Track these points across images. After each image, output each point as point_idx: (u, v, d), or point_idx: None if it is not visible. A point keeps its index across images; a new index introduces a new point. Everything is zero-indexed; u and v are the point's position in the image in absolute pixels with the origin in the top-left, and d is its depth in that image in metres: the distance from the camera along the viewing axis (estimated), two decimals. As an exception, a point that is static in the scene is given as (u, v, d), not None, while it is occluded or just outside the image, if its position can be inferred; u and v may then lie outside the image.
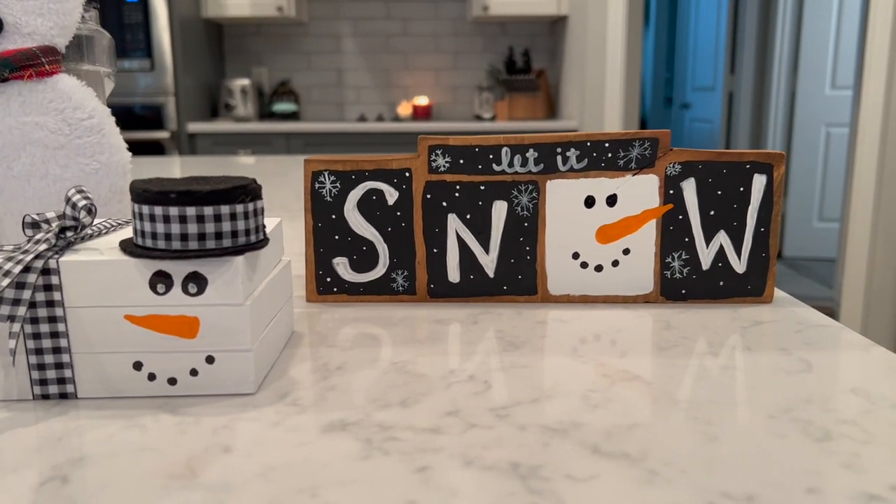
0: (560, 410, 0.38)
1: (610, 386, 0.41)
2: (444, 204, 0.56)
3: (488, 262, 0.57)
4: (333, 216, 0.56)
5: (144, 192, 0.38)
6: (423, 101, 3.93)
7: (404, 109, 3.93)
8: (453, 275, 0.57)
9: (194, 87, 3.66)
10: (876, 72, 2.45)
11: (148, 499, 0.30)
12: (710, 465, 0.32)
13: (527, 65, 3.86)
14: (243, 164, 1.75)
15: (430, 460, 0.33)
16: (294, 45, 4.07)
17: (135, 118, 3.46)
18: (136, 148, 2.88)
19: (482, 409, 0.38)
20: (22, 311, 0.38)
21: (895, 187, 2.45)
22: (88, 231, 0.43)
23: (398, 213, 0.56)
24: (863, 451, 0.33)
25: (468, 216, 0.56)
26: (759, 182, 0.54)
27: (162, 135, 3.47)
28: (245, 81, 3.79)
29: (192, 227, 0.38)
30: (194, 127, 3.54)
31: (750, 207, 0.54)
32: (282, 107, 3.90)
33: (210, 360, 0.40)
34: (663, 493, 0.30)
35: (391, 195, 0.56)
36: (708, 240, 0.55)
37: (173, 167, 1.73)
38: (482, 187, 0.56)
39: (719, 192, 0.54)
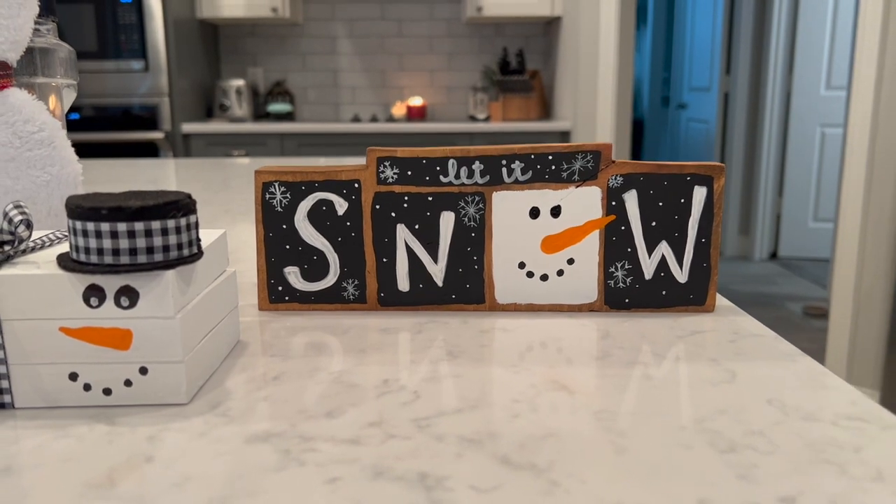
0: (481, 421, 0.39)
1: (535, 396, 0.42)
2: (393, 214, 0.57)
3: (437, 271, 0.58)
4: (284, 226, 0.57)
5: (77, 208, 0.39)
6: (417, 101, 3.94)
7: (399, 110, 3.94)
8: (403, 284, 0.58)
9: (189, 87, 3.67)
10: (865, 73, 2.46)
11: (62, 509, 0.31)
12: (612, 475, 0.33)
13: (521, 66, 3.87)
14: (239, 165, 1.76)
15: (343, 472, 0.34)
16: (289, 45, 4.08)
17: (129, 119, 3.47)
18: (131, 149, 2.88)
19: (405, 419, 0.39)
20: (-43, 323, 0.39)
21: (883, 188, 2.46)
22: (30, 244, 0.44)
23: (348, 224, 0.57)
24: (762, 462, 0.34)
25: (417, 226, 0.57)
26: (699, 194, 0.55)
27: (156, 135, 3.48)
28: (240, 82, 3.81)
29: (124, 242, 0.39)
30: (189, 127, 3.55)
31: (691, 219, 0.55)
32: (277, 107, 3.91)
33: (143, 371, 0.41)
34: (558, 502, 0.31)
35: (341, 206, 0.57)
36: (650, 250, 0.56)
37: (167, 169, 1.74)
38: (430, 198, 0.57)
39: (661, 204, 0.55)
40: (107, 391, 0.41)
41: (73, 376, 0.41)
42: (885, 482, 0.32)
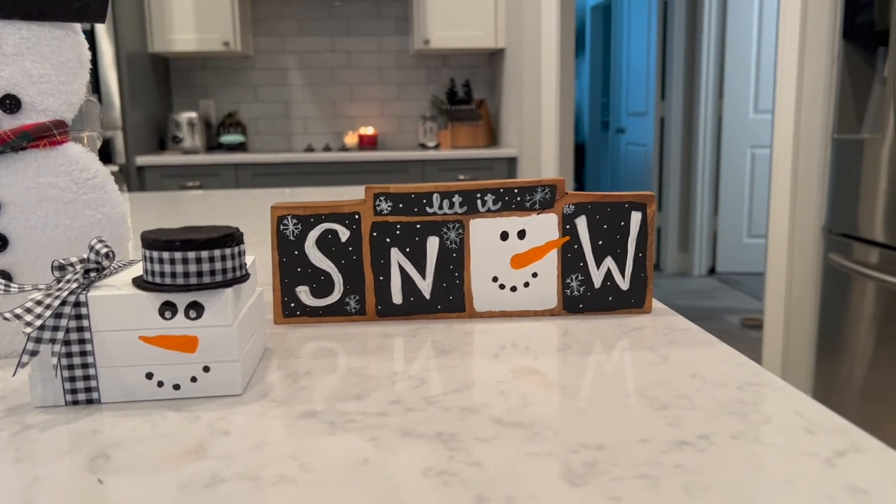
0: (476, 396, 0.51)
1: (515, 378, 0.54)
2: (388, 240, 0.68)
3: (425, 286, 0.69)
4: (296, 252, 0.68)
5: (155, 241, 0.50)
6: (369, 130, 4.06)
7: (351, 139, 4.05)
8: (396, 297, 0.69)
9: (142, 120, 3.72)
10: (786, 98, 2.67)
11: (175, 465, 0.42)
12: (577, 427, 0.45)
13: (468, 95, 4.03)
14: (208, 197, 1.84)
15: (379, 433, 0.45)
16: (241, 77, 4.16)
17: (83, 152, 3.51)
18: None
19: (418, 398, 0.51)
20: (60, 335, 0.49)
21: (806, 204, 2.67)
22: (106, 271, 0.54)
23: (350, 249, 0.68)
24: (686, 415, 0.47)
25: (407, 249, 0.69)
26: (636, 218, 0.68)
27: (110, 169, 3.51)
28: (192, 114, 3.87)
29: (192, 266, 0.50)
30: (143, 160, 3.60)
31: (630, 238, 0.68)
32: (229, 138, 3.98)
33: (206, 369, 0.51)
34: (541, 446, 0.43)
35: (343, 234, 0.68)
36: (598, 264, 0.69)
37: (136, 203, 1.81)
38: (418, 226, 0.68)
39: (605, 226, 0.68)
40: (176, 386, 0.52)
41: (149, 375, 0.51)
42: (772, 423, 0.45)
